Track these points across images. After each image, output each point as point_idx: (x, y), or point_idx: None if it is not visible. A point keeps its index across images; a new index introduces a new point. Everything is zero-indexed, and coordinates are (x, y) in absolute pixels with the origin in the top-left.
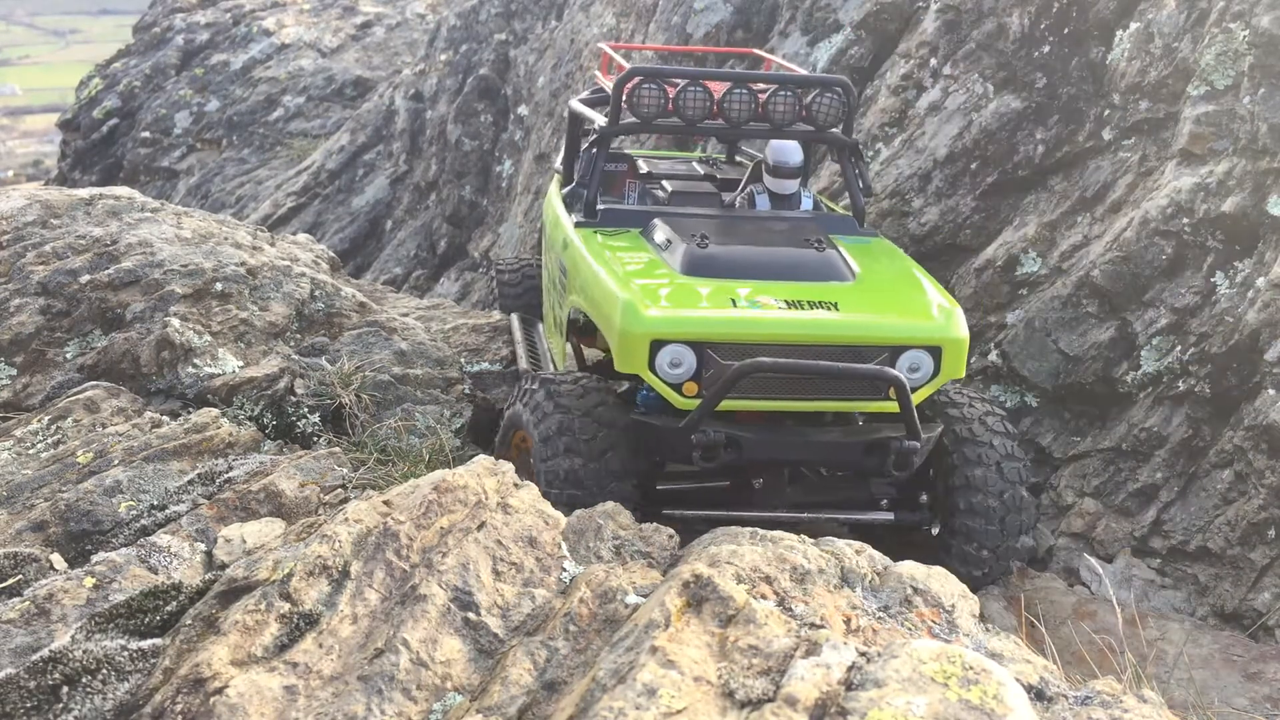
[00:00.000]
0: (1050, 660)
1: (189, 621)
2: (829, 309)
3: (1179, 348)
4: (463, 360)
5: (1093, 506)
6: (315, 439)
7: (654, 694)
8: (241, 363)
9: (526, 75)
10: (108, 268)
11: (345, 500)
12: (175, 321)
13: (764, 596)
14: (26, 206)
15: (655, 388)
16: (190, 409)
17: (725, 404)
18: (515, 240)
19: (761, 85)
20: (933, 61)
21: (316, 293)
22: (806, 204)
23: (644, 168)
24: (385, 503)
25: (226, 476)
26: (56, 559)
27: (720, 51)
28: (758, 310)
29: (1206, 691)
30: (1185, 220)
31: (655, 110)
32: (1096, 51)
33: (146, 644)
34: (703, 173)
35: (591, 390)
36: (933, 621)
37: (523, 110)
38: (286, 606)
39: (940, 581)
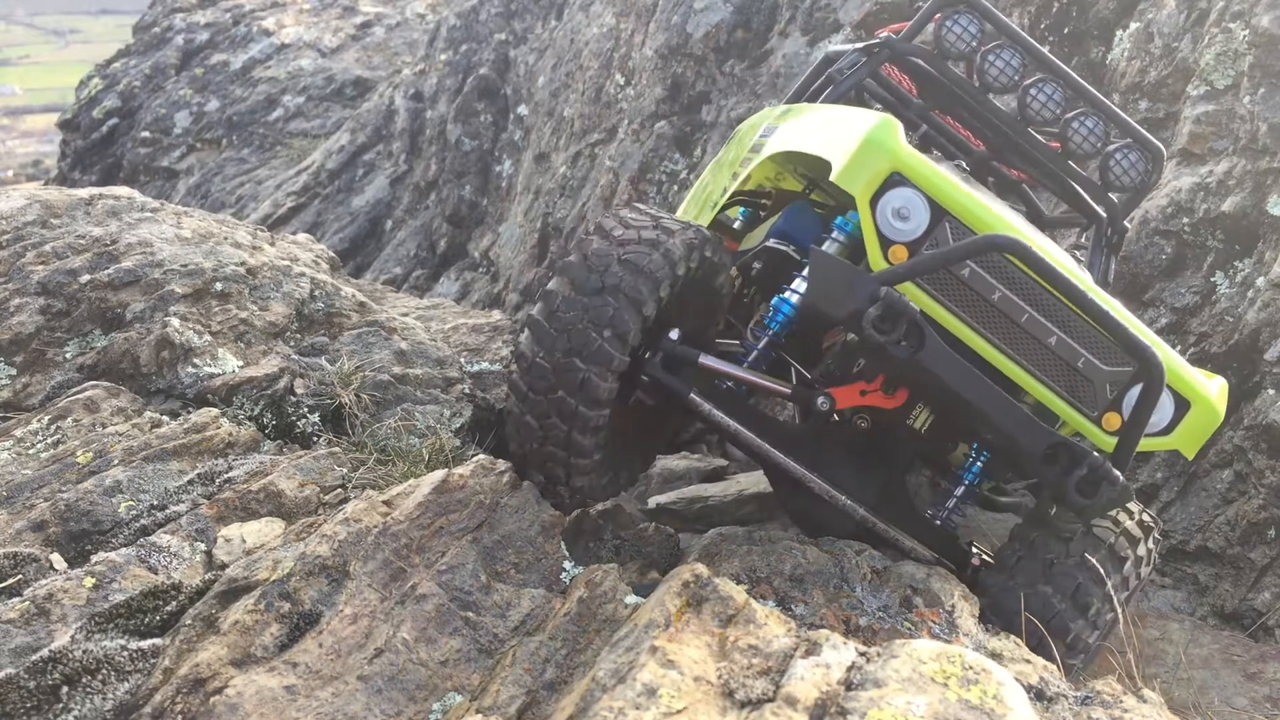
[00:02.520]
0: (1050, 660)
1: (189, 621)
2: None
3: (1179, 347)
4: (463, 360)
5: None
6: (315, 439)
7: (654, 694)
8: (241, 362)
9: (526, 75)
10: (108, 267)
11: (345, 500)
12: (175, 321)
13: (764, 596)
14: (26, 206)
15: (864, 224)
16: (190, 409)
17: (921, 300)
18: (515, 240)
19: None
20: None
21: (316, 292)
22: None
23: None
24: (385, 503)
25: (226, 476)
26: (56, 559)
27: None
28: (1009, 219)
29: (1206, 691)
30: (1185, 220)
31: (963, 49)
32: (1096, 51)
33: (146, 644)
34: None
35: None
36: (933, 621)
37: (523, 110)
38: (286, 606)
39: (940, 581)
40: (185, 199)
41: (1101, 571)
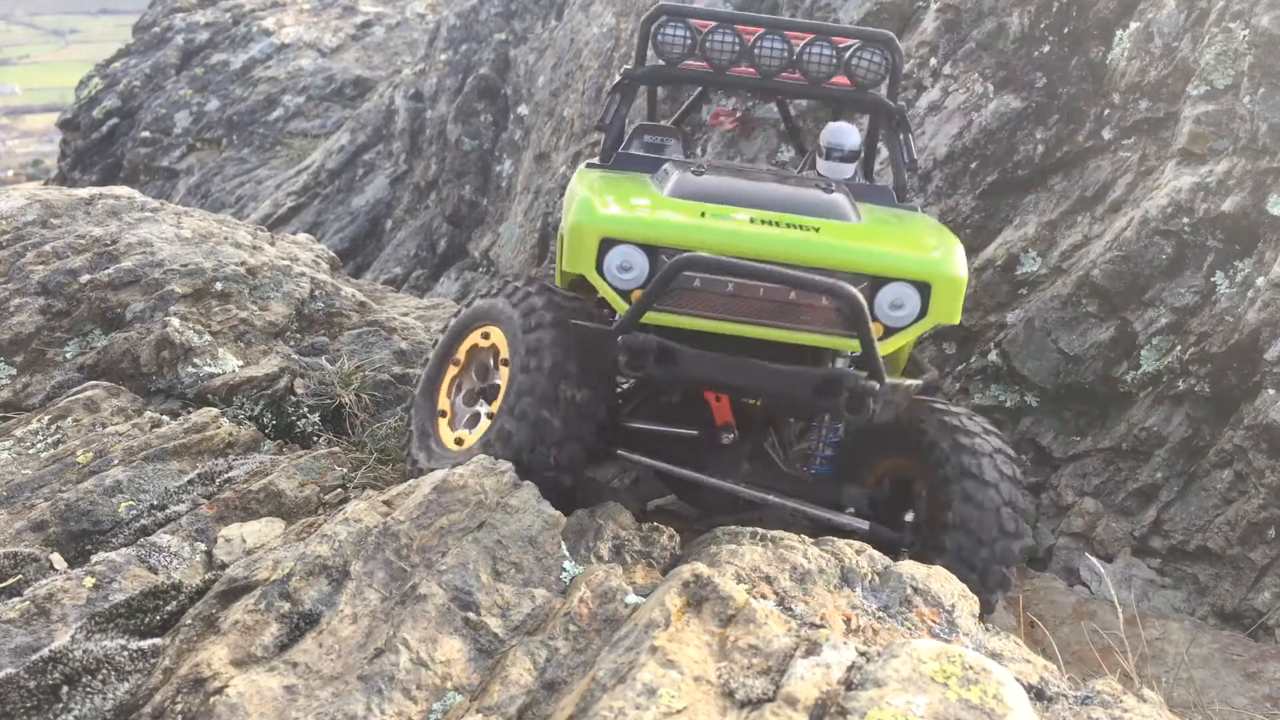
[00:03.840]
0: (1050, 660)
1: (189, 621)
2: (805, 231)
3: (1179, 347)
4: None
5: (1093, 506)
6: (315, 439)
7: (654, 694)
8: (241, 362)
9: (526, 75)
10: (108, 267)
11: (345, 500)
12: (175, 321)
13: (764, 596)
14: (26, 206)
15: (600, 288)
16: (190, 409)
17: (669, 320)
18: (515, 240)
19: (799, 37)
20: (932, 61)
21: (316, 292)
22: None
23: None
24: (385, 502)
25: (226, 476)
26: (56, 559)
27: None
28: (721, 220)
29: (1206, 691)
30: (1185, 220)
31: (680, 53)
32: (1096, 51)
33: (146, 644)
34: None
35: (589, 311)
36: (933, 621)
37: (523, 110)
38: (286, 606)
39: (940, 581)
40: (185, 199)
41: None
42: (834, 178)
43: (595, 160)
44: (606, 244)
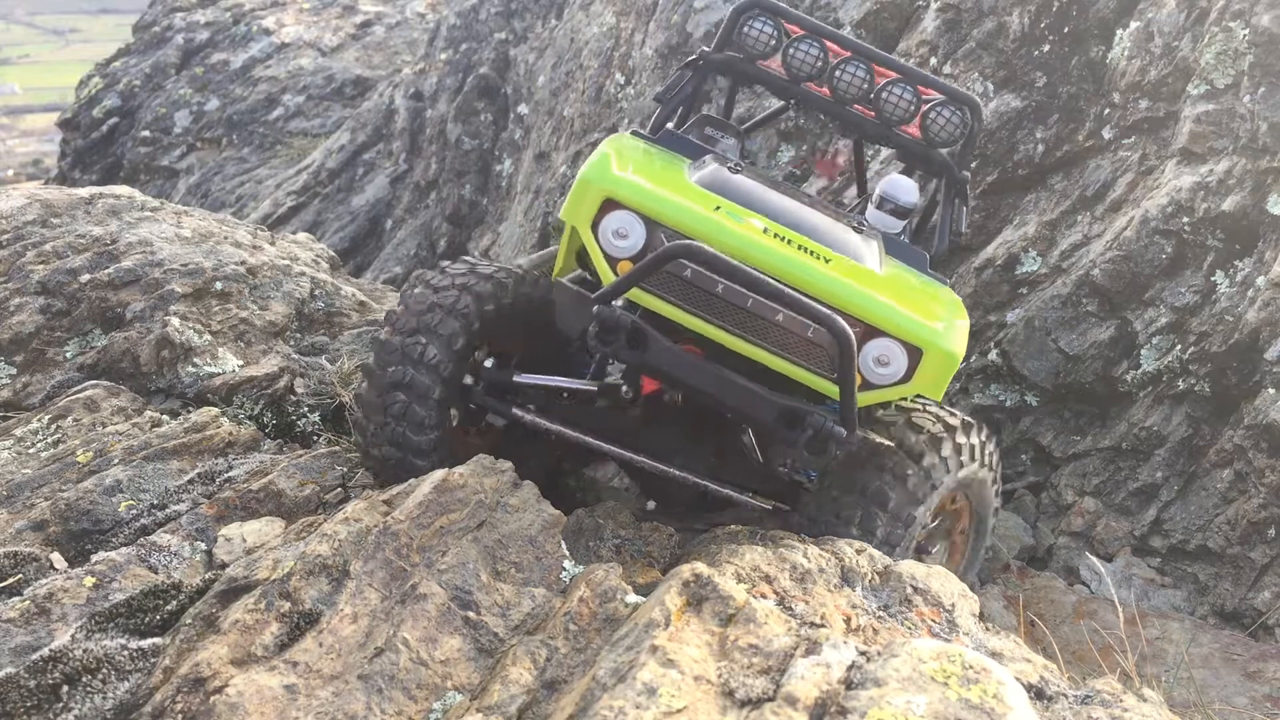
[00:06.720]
0: (1050, 659)
1: (189, 621)
2: (815, 258)
3: (1179, 347)
4: None
5: (1093, 505)
6: (315, 438)
7: (654, 693)
8: (241, 362)
9: (526, 74)
10: (108, 267)
11: (345, 499)
12: (175, 321)
13: (764, 595)
14: (26, 206)
15: (589, 248)
16: (190, 408)
17: (647, 301)
18: (515, 239)
19: (884, 74)
20: (933, 60)
21: (316, 292)
22: None
23: None
24: (385, 502)
25: (226, 476)
26: (56, 558)
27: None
28: (733, 219)
29: (1206, 690)
30: (1185, 219)
31: (761, 50)
32: (1096, 50)
33: (146, 643)
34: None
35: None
36: (933, 621)
37: (523, 109)
38: (286, 605)
39: (940, 581)
40: (185, 198)
41: (888, 490)
42: (878, 227)
43: (642, 130)
44: (609, 205)
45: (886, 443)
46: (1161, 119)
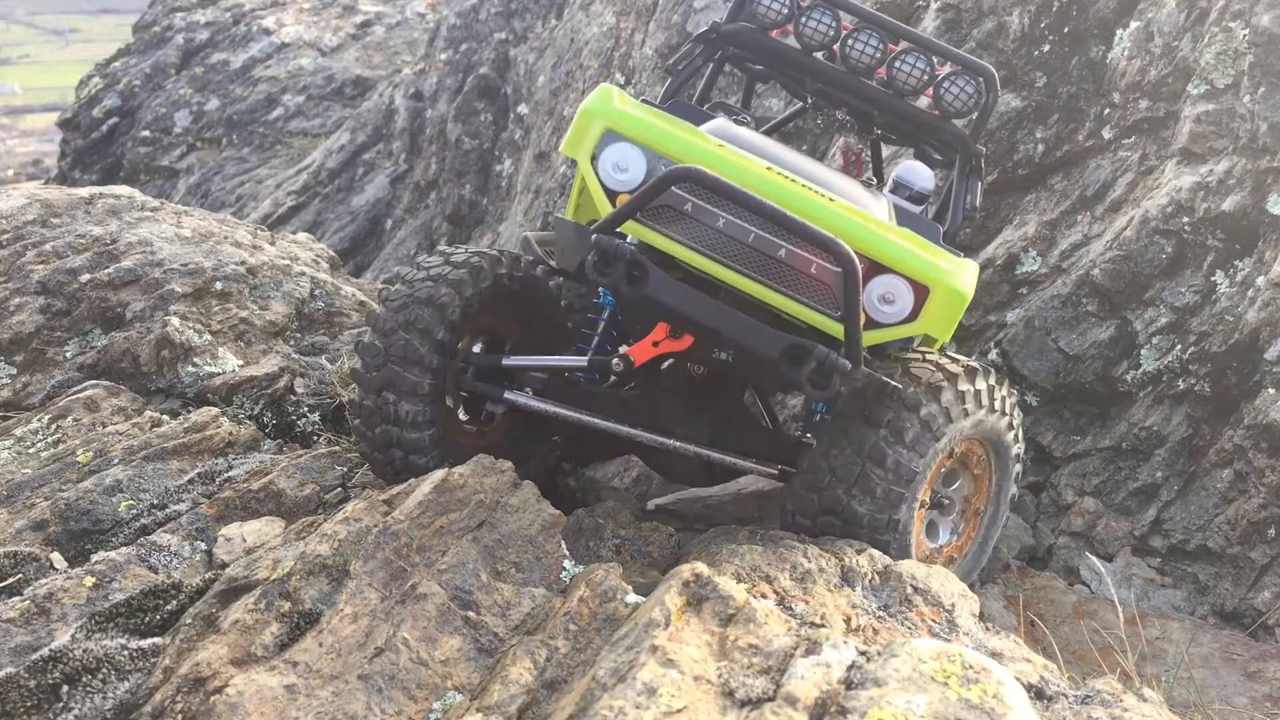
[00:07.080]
0: (1050, 659)
1: (189, 621)
2: (819, 195)
3: (1179, 347)
4: None
5: (1093, 505)
6: (315, 438)
7: (654, 693)
8: (241, 362)
9: (526, 74)
10: (108, 267)
11: (345, 499)
12: (175, 320)
13: (764, 595)
14: (26, 205)
15: (588, 180)
16: (190, 408)
17: (648, 236)
18: (516, 239)
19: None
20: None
21: (316, 291)
22: None
23: None
24: (385, 502)
25: (226, 475)
26: (56, 558)
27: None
28: (735, 151)
29: (1206, 690)
30: (1185, 219)
31: (773, 20)
32: (1096, 50)
33: (146, 643)
34: None
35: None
36: (933, 620)
37: (523, 109)
38: (286, 605)
39: (941, 581)
40: (185, 198)
41: (884, 445)
42: None
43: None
44: (611, 137)
45: (893, 382)
46: (1161, 119)
